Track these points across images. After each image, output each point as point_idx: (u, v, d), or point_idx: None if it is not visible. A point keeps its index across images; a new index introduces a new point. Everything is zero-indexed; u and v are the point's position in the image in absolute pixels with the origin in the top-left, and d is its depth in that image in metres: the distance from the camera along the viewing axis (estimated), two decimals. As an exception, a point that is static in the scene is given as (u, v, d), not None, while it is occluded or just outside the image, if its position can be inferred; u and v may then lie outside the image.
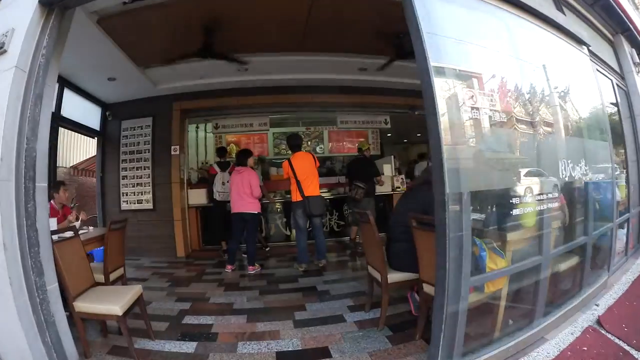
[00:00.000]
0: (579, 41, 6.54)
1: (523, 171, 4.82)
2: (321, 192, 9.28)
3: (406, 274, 5.14)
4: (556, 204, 4.98)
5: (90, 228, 7.47)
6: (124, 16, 6.84)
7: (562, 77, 5.89)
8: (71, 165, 18.81)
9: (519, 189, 4.58)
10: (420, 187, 5.34)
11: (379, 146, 15.94)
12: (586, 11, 8.04)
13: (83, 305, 4.51)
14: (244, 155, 9.30)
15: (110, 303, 4.49)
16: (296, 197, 8.67)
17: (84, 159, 17.97)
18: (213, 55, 8.52)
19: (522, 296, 4.78)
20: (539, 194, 4.77)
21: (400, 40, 8.43)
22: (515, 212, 4.37)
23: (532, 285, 4.71)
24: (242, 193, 8.82)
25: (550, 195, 4.89)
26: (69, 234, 5.07)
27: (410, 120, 14.38)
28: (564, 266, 5.34)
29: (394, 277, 5.18)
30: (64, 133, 12.20)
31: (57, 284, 4.06)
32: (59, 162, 17.56)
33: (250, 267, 8.90)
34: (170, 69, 9.58)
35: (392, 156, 13.35)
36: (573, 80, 6.17)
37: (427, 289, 4.55)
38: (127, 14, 6.78)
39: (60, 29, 4.28)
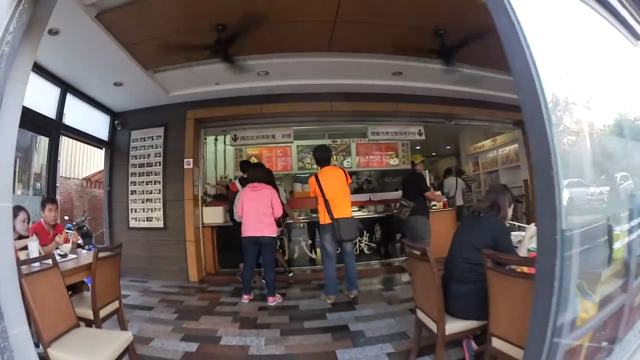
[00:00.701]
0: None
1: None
2: (353, 212, 8.29)
3: (468, 322, 4.17)
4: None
5: (83, 251, 6.73)
6: (126, 9, 6.14)
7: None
8: (83, 177, 18.81)
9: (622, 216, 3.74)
10: (488, 214, 4.45)
11: (409, 160, 14.60)
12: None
13: (58, 354, 3.60)
14: (260, 170, 8.46)
15: (89, 355, 3.58)
16: (324, 219, 7.68)
17: (97, 170, 17.80)
18: (226, 57, 7.52)
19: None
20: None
21: (441, 37, 7.57)
22: (616, 244, 3.48)
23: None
24: (261, 214, 7.78)
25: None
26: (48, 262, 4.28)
27: (443, 132, 14.55)
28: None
29: (454, 327, 4.16)
30: (75, 143, 12.05)
31: (26, 326, 3.21)
32: (70, 173, 18.19)
33: (271, 297, 7.77)
34: (183, 73, 8.84)
35: (427, 170, 12.90)
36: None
37: (499, 344, 3.62)
38: (130, 6, 6.10)
39: (34, 14, 3.49)
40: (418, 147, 16.70)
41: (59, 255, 5.82)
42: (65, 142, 12.42)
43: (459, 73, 9.18)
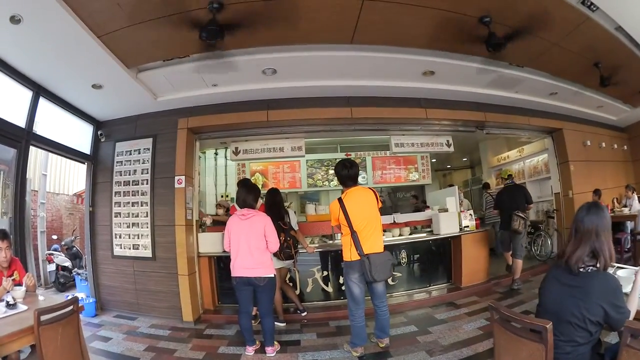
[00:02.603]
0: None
1: None
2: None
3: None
4: None
5: (41, 297, 5.30)
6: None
7: None
8: (74, 192, 18.45)
9: None
10: (589, 272, 3.25)
11: (430, 174, 14.96)
12: None
13: None
14: (250, 192, 6.72)
15: None
16: (350, 254, 6.10)
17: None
18: (212, 45, 6.23)
19: None
20: None
21: (488, 26, 6.65)
22: None
23: None
24: (253, 248, 6.28)
25: None
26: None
27: (467, 142, 14.49)
28: None
29: None
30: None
31: None
32: (59, 189, 17.94)
33: (269, 348, 6.51)
34: (172, 72, 7.56)
35: (456, 187, 11.66)
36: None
37: None
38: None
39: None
40: (434, 160, 16.81)
41: (7, 305, 4.54)
42: (53, 155, 11.14)
43: (496, 73, 8.84)
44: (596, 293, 3.07)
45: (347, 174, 6.35)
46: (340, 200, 6.21)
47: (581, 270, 3.22)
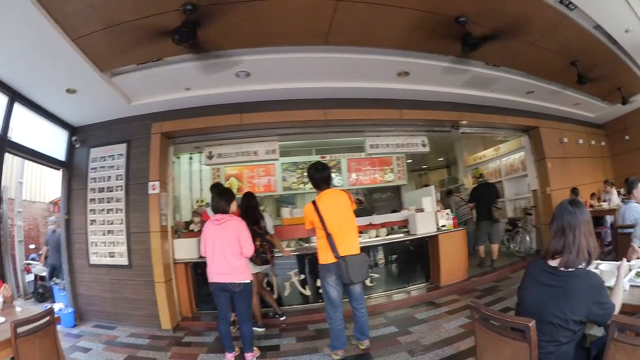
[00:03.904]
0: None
1: None
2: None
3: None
4: None
5: (18, 308, 5.18)
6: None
7: None
8: (51, 200, 18.14)
9: None
10: (576, 273, 3.21)
11: (406, 174, 15.39)
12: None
13: None
14: (222, 197, 6.64)
15: None
16: (326, 257, 6.12)
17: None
18: (194, 46, 6.04)
19: None
20: None
21: (464, 26, 6.71)
22: None
23: None
24: (228, 253, 6.19)
25: None
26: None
27: (442, 142, 14.86)
28: None
29: None
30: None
31: None
32: (36, 197, 17.64)
33: (248, 354, 6.42)
34: (145, 76, 7.43)
35: (432, 186, 11.73)
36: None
37: None
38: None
39: None
40: (410, 160, 17.04)
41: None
42: (30, 162, 10.96)
43: (471, 73, 9.01)
44: (578, 292, 3.07)
45: (320, 176, 6.39)
46: (314, 203, 6.22)
47: (561, 269, 3.22)
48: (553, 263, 3.24)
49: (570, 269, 3.14)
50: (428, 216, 10.23)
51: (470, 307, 3.47)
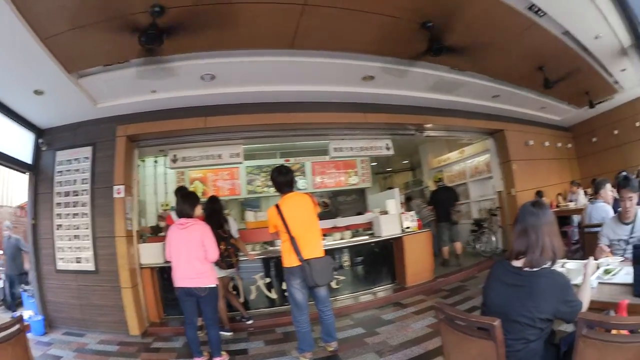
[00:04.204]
0: None
1: None
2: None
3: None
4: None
5: None
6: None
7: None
8: (17, 205, 18.16)
9: None
10: (541, 273, 3.24)
11: (370, 177, 15.78)
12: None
13: None
14: (186, 201, 6.73)
15: None
16: (290, 260, 6.27)
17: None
18: (152, 51, 6.28)
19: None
20: None
21: (430, 31, 7.06)
22: None
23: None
24: (193, 258, 6.28)
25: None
26: None
27: (406, 145, 15.14)
28: None
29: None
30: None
31: None
32: (2, 201, 17.84)
33: (217, 359, 6.52)
34: (112, 77, 7.51)
35: (397, 189, 12.27)
36: None
37: None
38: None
39: None
40: (375, 163, 17.18)
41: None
42: None
43: (437, 77, 9.41)
44: (544, 291, 3.14)
45: (284, 180, 6.55)
46: (277, 206, 6.37)
47: (526, 269, 3.28)
48: (517, 263, 3.33)
49: (534, 269, 3.22)
50: (392, 218, 10.59)
51: (435, 308, 3.56)
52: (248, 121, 9.56)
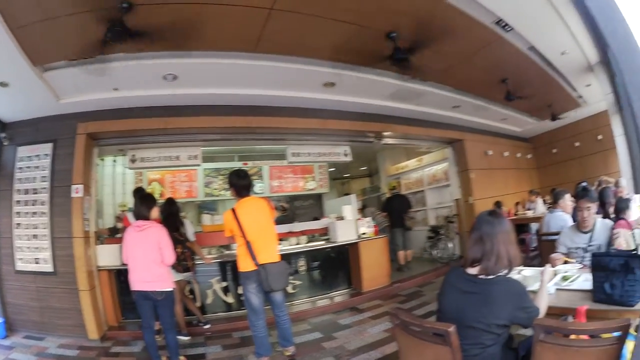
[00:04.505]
0: None
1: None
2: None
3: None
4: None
5: None
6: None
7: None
8: None
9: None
10: (496, 280, 3.38)
11: (328, 183, 15.97)
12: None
13: None
14: (142, 203, 6.81)
15: None
16: (246, 265, 6.35)
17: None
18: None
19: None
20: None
21: (394, 41, 7.37)
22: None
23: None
24: (149, 261, 6.36)
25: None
26: None
27: (364, 152, 15.31)
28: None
29: None
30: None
31: None
32: None
33: None
34: (76, 73, 7.41)
35: (353, 195, 12.86)
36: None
37: None
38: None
39: None
40: (333, 169, 17.48)
41: None
42: None
43: (398, 86, 9.53)
44: (499, 298, 3.26)
45: (242, 183, 6.66)
46: (233, 210, 6.45)
47: (481, 277, 3.39)
48: (472, 271, 3.44)
49: (489, 277, 3.33)
50: (348, 224, 11.03)
51: (390, 314, 3.64)
52: (208, 123, 9.73)
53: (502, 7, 7.14)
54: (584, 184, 9.79)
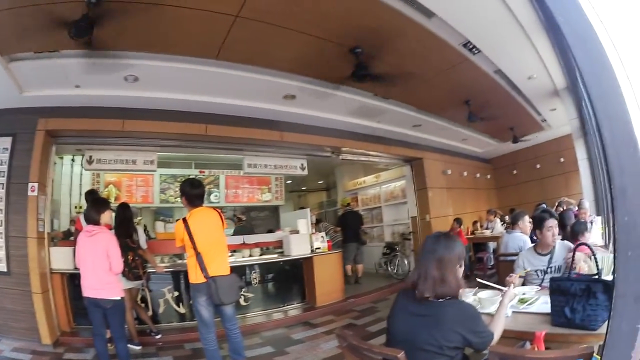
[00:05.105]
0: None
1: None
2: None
3: None
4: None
5: None
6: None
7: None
8: None
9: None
10: (447, 303, 3.33)
11: (284, 195, 16.53)
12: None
13: None
14: (93, 206, 6.84)
15: None
16: (196, 277, 6.34)
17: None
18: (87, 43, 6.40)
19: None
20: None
21: (358, 56, 7.63)
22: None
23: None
24: (98, 268, 6.34)
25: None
26: None
27: (321, 166, 15.96)
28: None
29: None
30: None
31: None
32: None
33: None
34: (41, 65, 7.41)
35: (308, 209, 13.32)
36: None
37: None
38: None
39: None
40: (290, 181, 17.88)
41: None
42: None
43: (360, 103, 9.82)
44: (450, 321, 3.22)
45: (195, 192, 6.66)
46: (184, 220, 6.42)
47: (431, 300, 3.34)
48: (419, 294, 3.39)
49: (440, 299, 3.30)
50: (302, 238, 11.46)
51: (337, 335, 3.62)
52: (166, 129, 9.82)
53: (471, 29, 7.47)
54: (543, 205, 10.14)
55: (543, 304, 4.16)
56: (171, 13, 6.20)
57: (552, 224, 5.75)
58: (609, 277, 3.67)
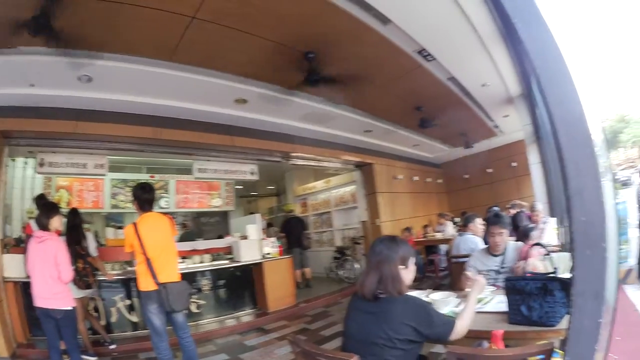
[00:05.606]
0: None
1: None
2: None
3: None
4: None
5: None
6: None
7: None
8: None
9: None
10: (395, 298, 3.47)
11: (234, 200, 16.53)
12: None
13: None
14: (43, 212, 6.74)
15: None
16: (147, 284, 6.30)
17: None
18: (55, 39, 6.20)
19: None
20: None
21: (310, 62, 7.93)
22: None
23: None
24: (47, 276, 6.22)
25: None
26: None
27: (271, 171, 16.16)
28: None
29: None
30: None
31: None
32: None
33: None
34: (2, 62, 7.24)
35: (258, 214, 13.43)
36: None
37: None
38: None
39: None
40: (240, 187, 17.72)
41: None
42: None
43: (310, 108, 10.13)
44: (399, 314, 3.35)
45: (145, 197, 6.63)
46: (134, 225, 6.39)
47: (380, 296, 3.48)
48: (366, 293, 3.54)
49: (389, 296, 3.44)
50: (253, 243, 11.76)
51: (290, 342, 3.67)
52: (118, 131, 9.76)
53: (426, 37, 7.79)
54: (496, 208, 10.51)
55: (498, 303, 4.30)
56: (129, 11, 6.22)
57: (496, 230, 5.91)
58: (566, 275, 3.70)
